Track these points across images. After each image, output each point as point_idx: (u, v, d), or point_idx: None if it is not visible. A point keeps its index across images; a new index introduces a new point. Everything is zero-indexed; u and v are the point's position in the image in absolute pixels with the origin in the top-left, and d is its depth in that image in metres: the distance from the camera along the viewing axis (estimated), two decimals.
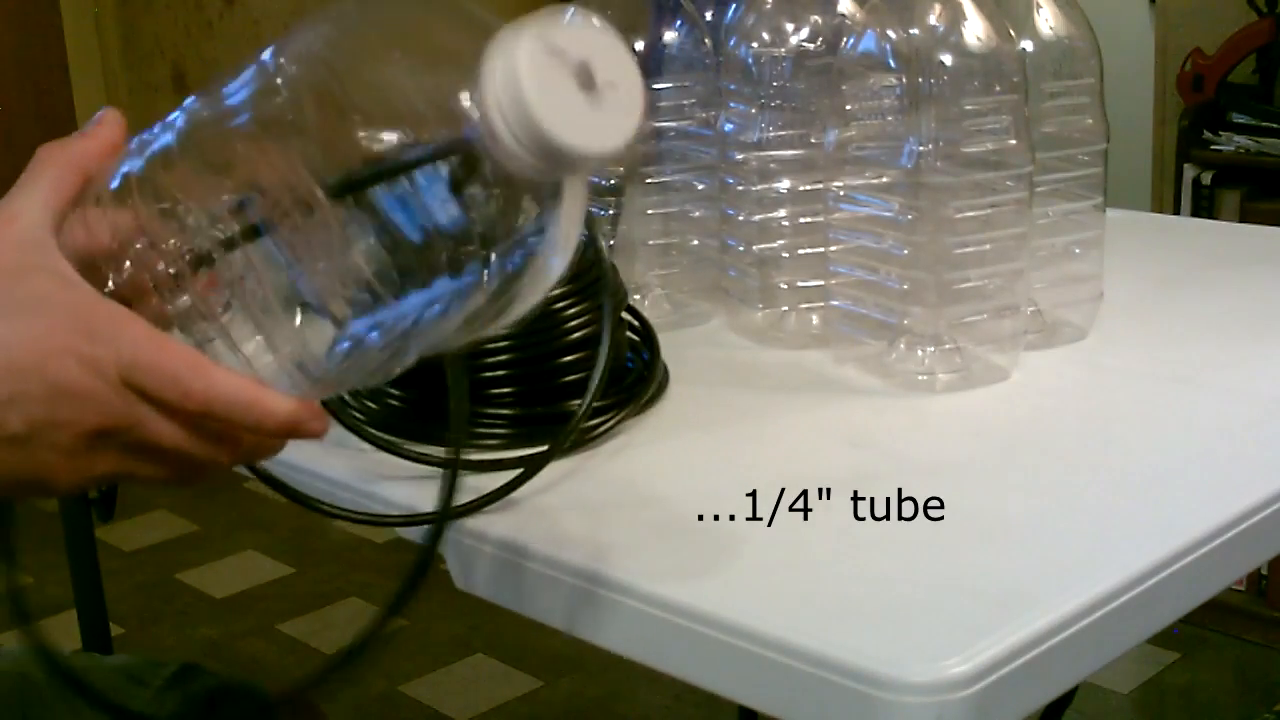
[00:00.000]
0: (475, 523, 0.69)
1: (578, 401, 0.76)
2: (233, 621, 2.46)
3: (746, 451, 0.79)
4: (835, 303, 0.91)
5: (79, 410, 0.52)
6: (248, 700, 0.99)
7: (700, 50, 1.00)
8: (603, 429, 0.78)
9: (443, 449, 0.76)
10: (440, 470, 0.74)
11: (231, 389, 0.52)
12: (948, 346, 0.86)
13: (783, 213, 0.95)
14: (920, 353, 0.86)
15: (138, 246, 0.53)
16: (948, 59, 0.82)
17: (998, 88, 0.83)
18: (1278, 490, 0.70)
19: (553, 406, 0.78)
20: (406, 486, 0.73)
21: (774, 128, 0.94)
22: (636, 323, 0.88)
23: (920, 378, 0.86)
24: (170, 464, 0.55)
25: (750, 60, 0.94)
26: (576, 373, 0.79)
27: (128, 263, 0.53)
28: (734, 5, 0.97)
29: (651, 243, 1.02)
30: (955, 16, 0.82)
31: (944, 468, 0.75)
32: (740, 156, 0.95)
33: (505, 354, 0.78)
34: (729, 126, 0.96)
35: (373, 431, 0.77)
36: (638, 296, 1.00)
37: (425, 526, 0.69)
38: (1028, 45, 0.91)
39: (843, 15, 0.93)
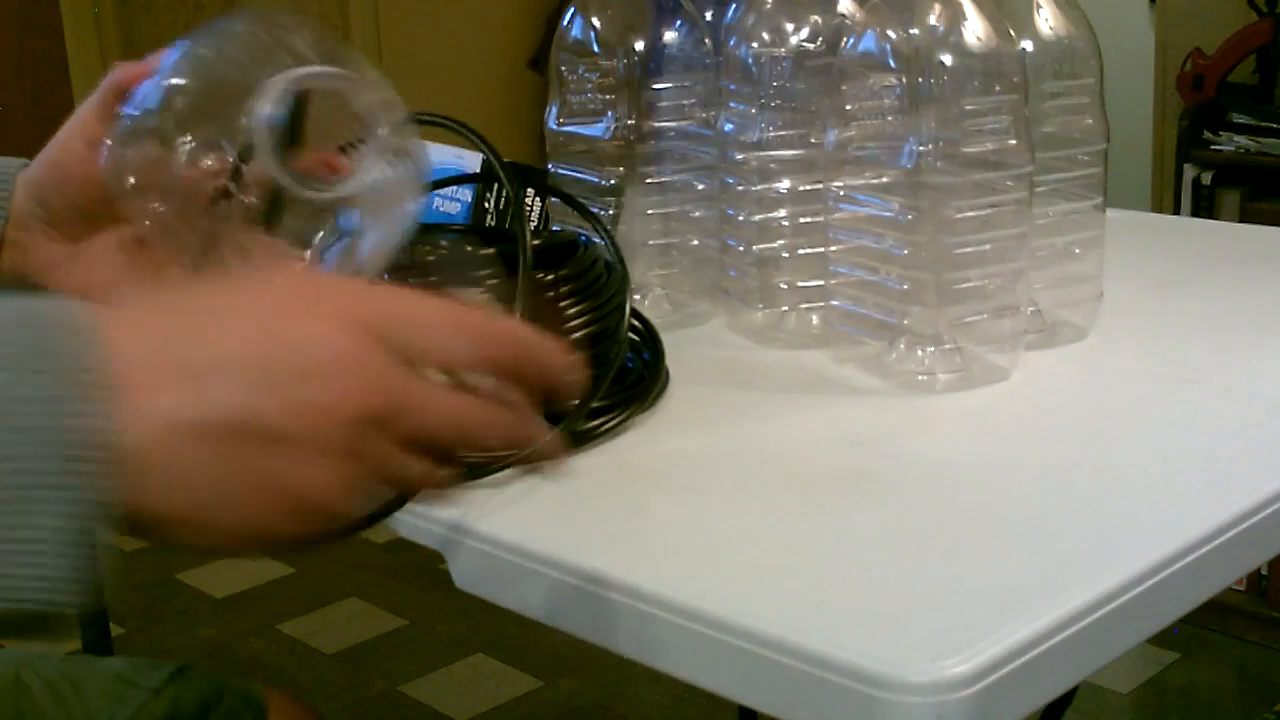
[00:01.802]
0: (475, 523, 0.69)
1: (578, 401, 0.76)
2: (233, 621, 2.46)
3: (746, 451, 0.79)
4: (835, 303, 0.91)
5: (343, 385, 0.44)
6: (243, 702, 0.99)
7: (700, 50, 1.00)
8: (604, 429, 0.78)
9: None
10: None
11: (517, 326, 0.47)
12: (948, 346, 0.86)
13: (783, 213, 0.95)
14: (920, 353, 0.86)
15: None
16: (948, 59, 0.82)
17: (998, 88, 0.83)
18: (1278, 490, 0.70)
19: (553, 406, 0.78)
20: None
21: (774, 128, 0.94)
22: (639, 323, 0.88)
23: (920, 378, 0.86)
24: (445, 445, 0.47)
25: (750, 60, 0.94)
26: None
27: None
28: (734, 5, 0.97)
29: (651, 243, 1.02)
30: (955, 16, 0.82)
31: (944, 468, 0.75)
32: (740, 156, 0.95)
33: None
34: (729, 126, 0.96)
35: None
36: (638, 296, 1.00)
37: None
38: (1028, 45, 0.91)
39: (843, 15, 0.93)
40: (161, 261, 0.73)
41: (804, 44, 0.93)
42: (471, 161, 1.10)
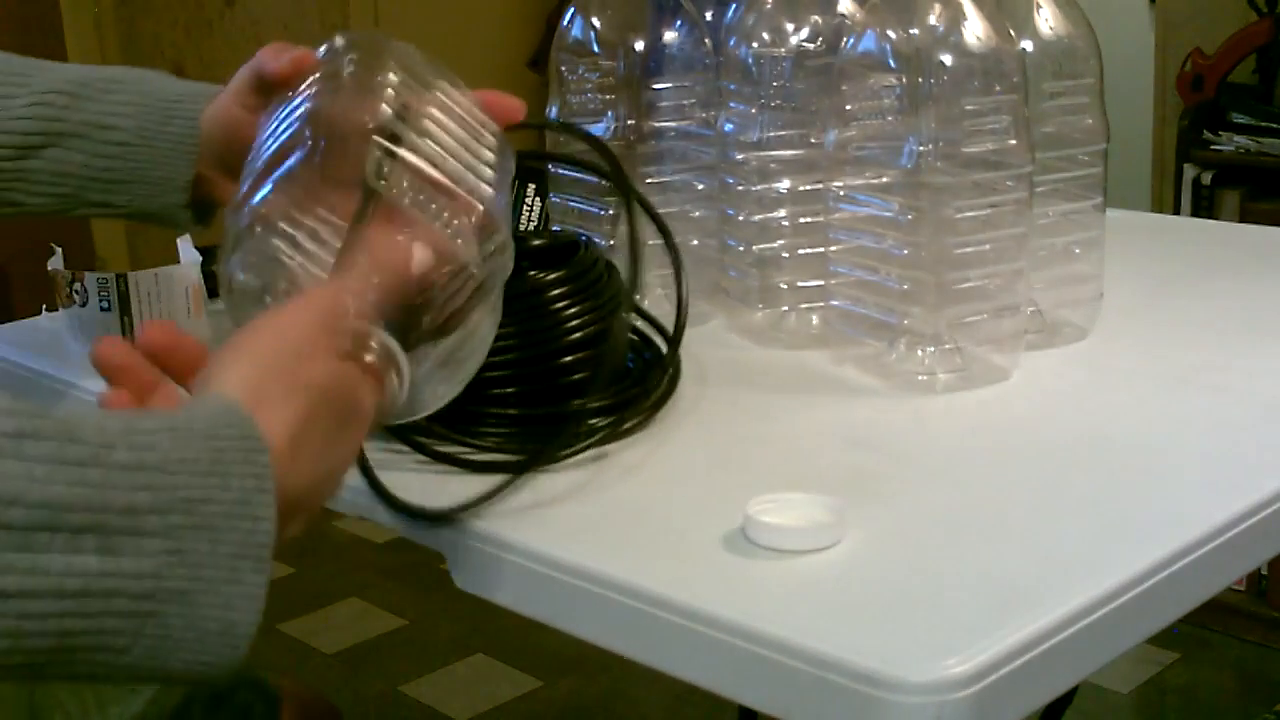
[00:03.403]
0: (477, 523, 0.69)
1: (579, 401, 0.76)
2: None
3: (746, 451, 0.79)
4: (835, 303, 0.91)
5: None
6: (256, 692, 0.99)
7: (700, 50, 1.00)
8: (602, 428, 0.78)
9: (447, 447, 0.76)
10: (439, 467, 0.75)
11: None
12: (948, 346, 0.86)
13: (783, 213, 0.95)
14: (920, 353, 0.86)
15: None
16: (948, 59, 0.82)
17: (998, 88, 0.83)
18: (1278, 490, 0.70)
19: (555, 406, 0.78)
20: (411, 480, 0.73)
21: (774, 128, 0.94)
22: (645, 322, 0.88)
23: (920, 378, 0.86)
24: None
25: (750, 60, 0.94)
26: (578, 372, 0.79)
27: None
28: (734, 5, 0.97)
29: (652, 243, 1.02)
30: (955, 16, 0.82)
31: (944, 468, 0.75)
32: (740, 156, 0.95)
33: (507, 354, 0.78)
34: (729, 126, 0.96)
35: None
36: (638, 297, 1.00)
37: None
38: (1028, 45, 0.91)
39: (843, 15, 0.93)
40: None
41: (804, 44, 0.93)
42: None
